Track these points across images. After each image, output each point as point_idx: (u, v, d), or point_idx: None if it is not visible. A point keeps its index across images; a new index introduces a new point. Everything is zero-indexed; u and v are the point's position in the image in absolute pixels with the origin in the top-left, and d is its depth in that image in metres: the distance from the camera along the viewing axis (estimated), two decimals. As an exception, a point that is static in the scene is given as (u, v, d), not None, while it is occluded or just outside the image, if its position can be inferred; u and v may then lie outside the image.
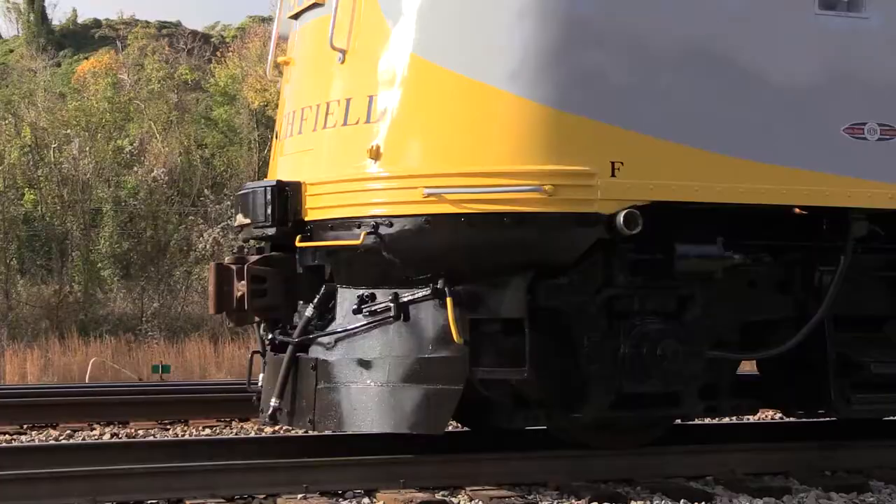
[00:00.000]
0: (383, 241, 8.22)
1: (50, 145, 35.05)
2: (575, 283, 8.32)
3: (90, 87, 41.95)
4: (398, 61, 8.47)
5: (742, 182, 8.40)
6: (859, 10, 8.82)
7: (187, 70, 48.00)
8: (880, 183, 8.81)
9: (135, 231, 34.28)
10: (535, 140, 8.14)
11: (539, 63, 8.21)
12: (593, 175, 8.07)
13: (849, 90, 8.79)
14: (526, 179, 8.04)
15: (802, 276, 9.07)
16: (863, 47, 8.86)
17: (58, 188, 34.11)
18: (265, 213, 8.82)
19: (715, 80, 8.42)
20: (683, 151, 8.28)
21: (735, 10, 8.53)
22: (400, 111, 8.41)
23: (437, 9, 8.46)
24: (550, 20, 8.23)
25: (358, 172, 8.44)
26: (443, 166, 8.19)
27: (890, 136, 8.85)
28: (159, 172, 35.14)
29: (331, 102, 8.80)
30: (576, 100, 8.16)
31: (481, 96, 8.22)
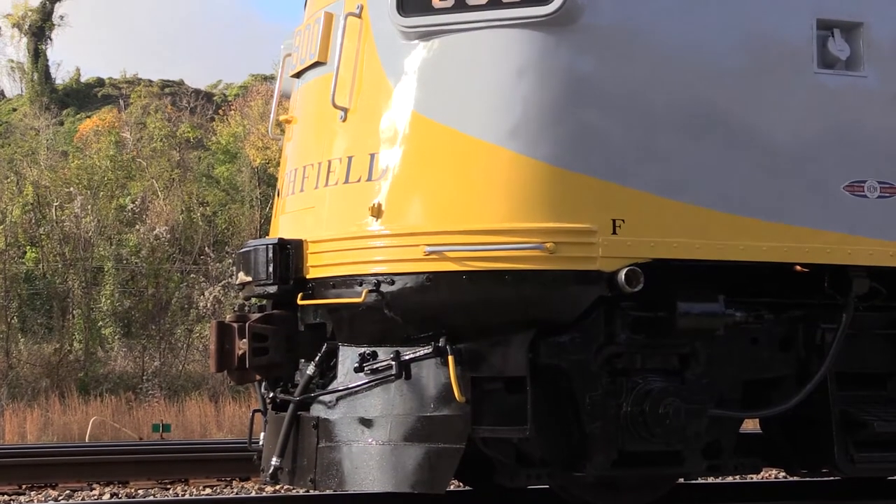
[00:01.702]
0: (385, 298, 8.22)
1: (52, 203, 35.16)
2: (576, 341, 8.30)
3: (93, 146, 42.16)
4: (400, 119, 8.52)
5: (742, 240, 8.42)
6: (858, 68, 8.87)
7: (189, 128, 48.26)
8: (881, 240, 8.83)
9: (136, 289, 34.28)
10: (535, 197, 8.16)
11: (539, 121, 8.25)
12: (594, 233, 8.09)
13: (848, 148, 8.82)
14: (527, 237, 8.05)
15: (804, 334, 9.05)
16: (862, 106, 8.91)
17: (59, 246, 34.17)
18: (267, 270, 8.82)
19: (715, 138, 8.46)
20: (684, 209, 8.30)
21: (734, 68, 8.58)
22: (401, 169, 8.44)
23: (439, 67, 8.52)
24: (550, 78, 8.28)
25: (359, 230, 8.45)
26: (444, 224, 8.21)
27: (890, 194, 8.88)
28: (161, 230, 35.22)
29: (333, 160, 8.84)
30: (576, 157, 8.19)
31: (482, 154, 8.25)
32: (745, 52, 8.61)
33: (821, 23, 8.76)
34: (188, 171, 41.88)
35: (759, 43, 8.64)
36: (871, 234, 8.82)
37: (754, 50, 8.63)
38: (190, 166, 42.76)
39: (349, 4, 8.92)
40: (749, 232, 8.44)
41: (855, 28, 8.87)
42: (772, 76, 8.62)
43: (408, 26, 8.50)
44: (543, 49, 8.28)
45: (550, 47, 8.27)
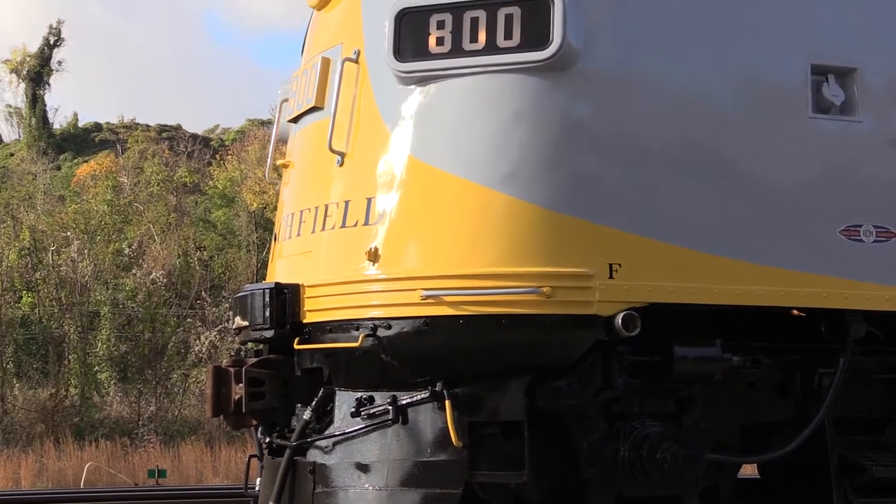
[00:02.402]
0: (381, 343, 8.21)
1: (49, 248, 35.15)
2: (574, 386, 8.29)
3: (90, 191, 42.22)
4: (396, 164, 8.54)
5: (739, 284, 8.42)
6: (852, 113, 8.91)
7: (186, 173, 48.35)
8: (877, 285, 8.83)
9: (132, 334, 34.22)
10: (532, 242, 8.16)
11: (535, 165, 8.27)
12: (591, 277, 8.09)
13: (844, 192, 8.84)
14: (524, 281, 8.05)
15: (802, 379, 9.03)
16: (856, 150, 8.94)
17: (56, 291, 34.13)
18: (263, 315, 8.81)
19: (711, 182, 8.48)
20: (681, 253, 8.31)
21: (730, 113, 8.61)
22: (398, 213, 8.45)
23: (435, 112, 8.55)
24: (546, 123, 8.31)
25: (356, 274, 8.45)
26: (441, 268, 8.21)
27: (886, 238, 8.89)
28: (158, 275, 35.20)
29: (329, 205, 8.85)
30: (573, 202, 8.21)
31: (479, 198, 8.27)
32: (740, 96, 8.65)
33: (815, 68, 8.81)
34: (185, 216, 41.93)
35: (754, 88, 8.69)
36: (867, 278, 8.82)
37: (750, 95, 8.67)
38: (187, 211, 42.82)
39: (346, 50, 8.97)
40: (745, 276, 8.44)
41: (849, 73, 8.92)
42: (767, 121, 8.65)
43: (404, 71, 8.54)
44: (540, 94, 8.31)
45: (546, 92, 8.31)
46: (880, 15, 9.16)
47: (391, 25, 8.55)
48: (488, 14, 8.36)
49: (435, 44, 8.48)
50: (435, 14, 8.49)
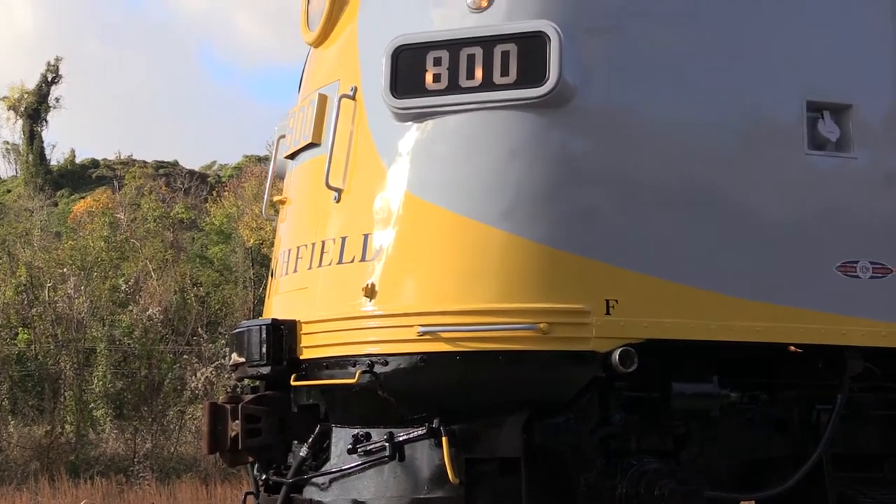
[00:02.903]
0: (378, 379, 8.19)
1: (45, 284, 35.09)
2: (571, 422, 8.26)
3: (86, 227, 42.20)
4: (393, 200, 8.55)
5: (736, 320, 8.41)
6: (848, 150, 8.93)
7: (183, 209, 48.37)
8: (874, 321, 8.82)
9: (129, 370, 34.11)
10: (529, 278, 8.16)
11: (532, 202, 8.28)
12: (588, 313, 8.08)
13: (840, 228, 8.85)
14: (520, 317, 8.04)
15: (800, 415, 9.01)
16: (853, 186, 8.96)
17: (52, 327, 34.03)
18: (260, 351, 8.80)
19: (707, 218, 8.49)
20: (677, 289, 8.31)
21: (726, 149, 8.63)
22: (395, 249, 8.45)
23: (432, 148, 8.56)
24: (542, 160, 8.33)
25: (353, 311, 8.44)
26: (437, 304, 8.20)
27: (883, 274, 8.89)
28: (154, 311, 35.12)
29: (326, 241, 8.85)
30: (569, 238, 8.21)
31: (475, 234, 8.27)
32: (736, 133, 8.67)
33: (811, 105, 8.84)
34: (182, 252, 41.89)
35: (750, 124, 8.71)
36: (864, 314, 8.82)
37: (745, 131, 8.69)
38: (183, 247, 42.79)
39: (343, 86, 9.00)
40: (742, 312, 8.43)
41: (844, 110, 8.95)
42: (763, 157, 8.67)
43: (401, 107, 8.57)
44: (536, 130, 8.34)
45: (543, 128, 8.33)
46: (875, 52, 9.19)
47: (388, 62, 8.59)
48: (485, 51, 8.40)
49: (432, 80, 8.51)
50: (432, 51, 8.52)
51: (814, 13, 9.08)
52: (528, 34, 8.36)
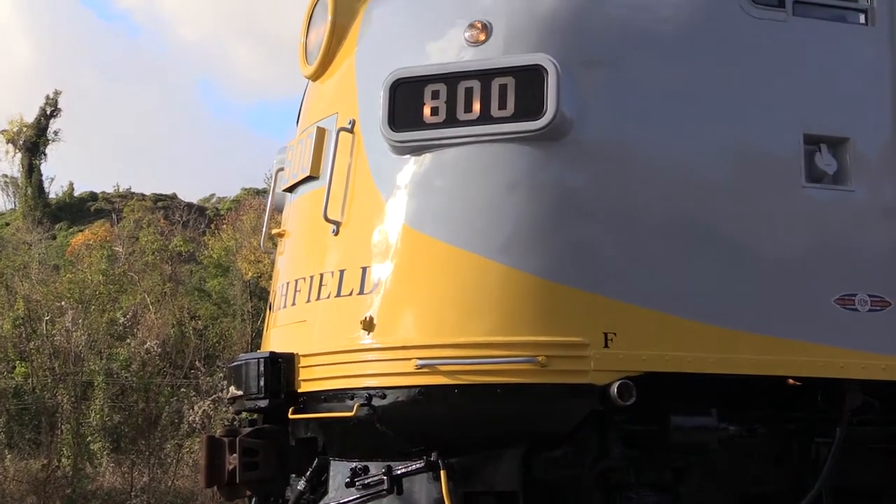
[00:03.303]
0: (376, 413, 8.17)
1: (43, 317, 35.05)
2: (569, 455, 8.24)
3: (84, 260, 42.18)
4: (391, 233, 8.55)
5: (735, 353, 8.40)
6: (845, 182, 8.95)
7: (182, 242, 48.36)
8: (873, 354, 8.81)
9: (126, 404, 34.01)
10: (527, 311, 8.16)
11: (530, 235, 8.29)
12: (586, 346, 8.08)
13: (838, 261, 8.85)
14: (519, 350, 8.04)
15: (799, 448, 8.99)
16: (850, 219, 8.96)
17: (49, 361, 33.96)
18: (258, 384, 8.79)
19: (705, 251, 8.49)
20: (675, 322, 8.30)
21: (723, 182, 8.65)
22: (393, 282, 8.45)
23: (430, 181, 8.58)
24: (541, 192, 8.34)
25: (351, 344, 8.44)
26: (435, 337, 8.20)
27: (881, 307, 8.89)
28: (152, 344, 35.05)
29: (324, 274, 8.85)
30: (567, 271, 8.22)
31: (473, 267, 8.27)
32: (733, 166, 8.69)
33: (808, 138, 8.87)
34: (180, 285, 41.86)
35: (747, 157, 8.73)
36: (863, 347, 8.81)
37: (743, 164, 8.71)
38: (182, 280, 42.77)
39: (341, 119, 9.03)
40: (741, 345, 8.42)
41: (842, 143, 8.98)
42: (760, 190, 8.69)
43: (399, 141, 8.59)
44: (534, 163, 8.35)
45: (541, 161, 8.35)
46: (873, 85, 9.22)
47: (386, 95, 8.61)
48: (482, 84, 8.43)
49: (429, 113, 8.54)
50: (429, 84, 8.55)
51: (811, 47, 9.11)
52: (525, 67, 8.39)
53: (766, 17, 8.95)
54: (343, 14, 9.35)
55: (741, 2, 8.88)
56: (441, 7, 9.02)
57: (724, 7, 8.87)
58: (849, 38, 9.27)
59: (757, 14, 8.92)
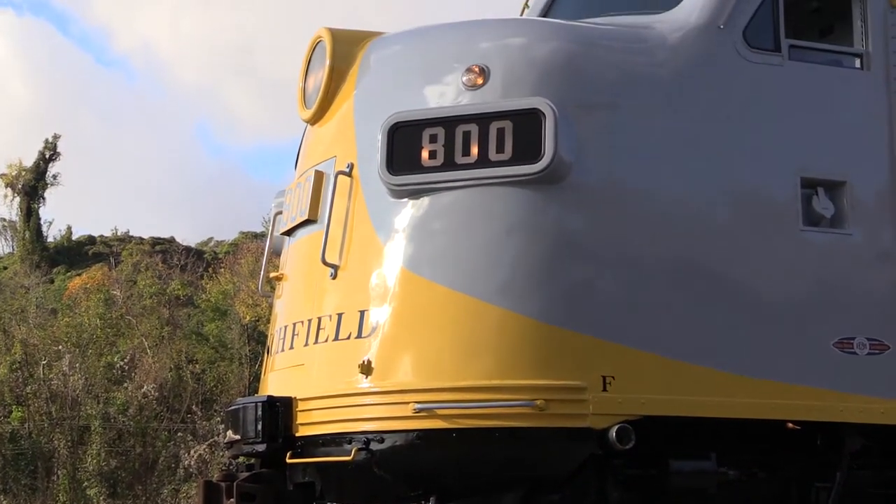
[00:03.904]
0: (374, 457, 8.13)
1: (40, 362, 34.98)
2: (568, 500, 8.21)
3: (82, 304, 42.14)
4: (389, 276, 8.55)
5: (733, 396, 8.38)
6: (843, 226, 8.97)
7: (179, 286, 48.31)
8: (872, 398, 8.80)
9: (123, 448, 33.88)
10: (525, 354, 8.15)
11: (528, 278, 8.29)
12: (585, 390, 8.06)
13: (836, 305, 8.86)
14: (517, 394, 8.02)
15: (798, 492, 8.95)
16: (848, 263, 8.98)
17: (46, 405, 33.86)
18: (255, 428, 8.75)
19: (703, 294, 8.50)
20: (674, 366, 8.29)
21: (721, 225, 8.67)
22: (391, 326, 8.44)
23: (428, 224, 8.59)
24: (539, 235, 8.35)
25: (349, 388, 8.41)
26: (433, 381, 8.18)
27: (880, 351, 8.88)
28: (149, 388, 34.97)
29: (322, 317, 8.84)
30: (566, 314, 8.21)
31: (472, 311, 8.27)
32: (731, 209, 8.72)
33: (805, 181, 8.90)
34: (178, 329, 41.78)
35: (744, 200, 8.76)
36: (862, 391, 8.80)
37: (740, 207, 8.74)
38: (179, 324, 42.68)
39: (340, 163, 9.04)
40: (739, 389, 8.41)
41: (839, 186, 9.00)
42: (758, 233, 8.70)
43: (397, 184, 8.60)
44: (532, 206, 8.37)
45: (539, 205, 8.37)
46: (869, 128, 9.26)
47: (384, 139, 8.64)
48: (480, 128, 8.45)
49: (427, 157, 8.56)
50: (427, 128, 8.58)
51: (808, 91, 9.16)
52: (523, 111, 8.42)
53: (762, 61, 9.00)
54: (341, 58, 9.38)
55: (737, 46, 8.93)
56: (439, 51, 9.07)
57: (720, 51, 8.92)
58: (845, 83, 9.33)
59: (753, 58, 8.97)
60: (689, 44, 8.89)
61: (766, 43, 9.06)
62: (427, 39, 9.32)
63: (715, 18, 8.96)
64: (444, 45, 9.11)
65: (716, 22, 8.95)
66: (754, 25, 9.04)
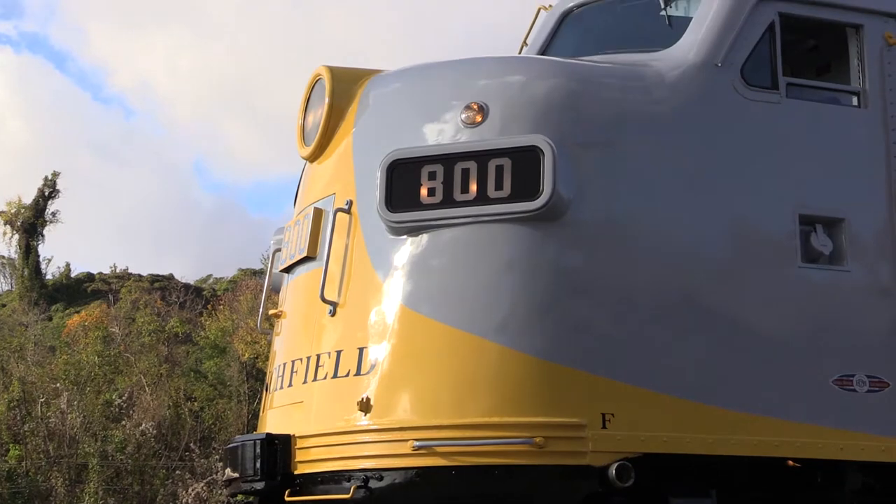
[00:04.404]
0: (373, 494, 8.10)
1: (38, 399, 34.89)
2: (568, 537, 8.16)
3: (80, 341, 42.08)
4: (388, 313, 8.54)
5: (733, 434, 8.36)
6: (841, 263, 8.98)
7: (178, 323, 48.28)
8: (872, 435, 8.77)
9: (121, 486, 33.74)
10: (524, 391, 8.13)
11: (527, 315, 8.28)
12: (584, 427, 8.04)
13: (836, 342, 8.85)
14: (516, 431, 7.99)
15: (800, 530, 8.92)
16: (847, 300, 8.98)
17: (44, 443, 33.75)
18: (254, 466, 8.71)
19: (701, 331, 8.49)
20: (673, 403, 8.27)
21: (719, 262, 8.67)
22: (390, 363, 8.42)
23: (426, 261, 8.59)
24: (537, 272, 8.35)
25: (348, 425, 8.39)
26: (432, 418, 8.16)
27: (879, 388, 8.87)
28: (147, 426, 34.87)
29: (321, 354, 8.83)
30: (565, 351, 8.20)
31: (470, 348, 8.25)
32: (729, 246, 8.73)
33: (803, 218, 8.91)
34: (176, 366, 41.71)
35: (743, 237, 8.77)
36: (862, 428, 8.78)
37: (739, 244, 8.75)
38: (178, 361, 42.62)
39: (339, 200, 9.05)
40: (739, 426, 8.39)
41: (837, 224, 9.02)
42: (756, 270, 8.71)
43: (396, 221, 8.61)
44: (531, 243, 8.37)
45: (538, 242, 8.37)
46: (867, 165, 9.29)
47: (383, 176, 8.65)
48: (479, 165, 8.47)
49: (426, 194, 8.57)
50: (426, 165, 8.59)
51: (805, 129, 9.19)
52: (522, 148, 8.44)
53: (760, 98, 9.04)
54: (340, 96, 9.41)
55: (735, 83, 8.97)
56: (437, 89, 9.10)
57: (719, 89, 8.95)
58: (842, 120, 9.36)
59: (751, 96, 9.01)
60: (686, 82, 8.93)
61: (764, 81, 9.11)
62: (426, 77, 9.36)
63: (712, 56, 9.00)
64: (443, 82, 9.15)
65: (713, 60, 8.99)
66: (752, 63, 9.08)
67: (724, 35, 9.07)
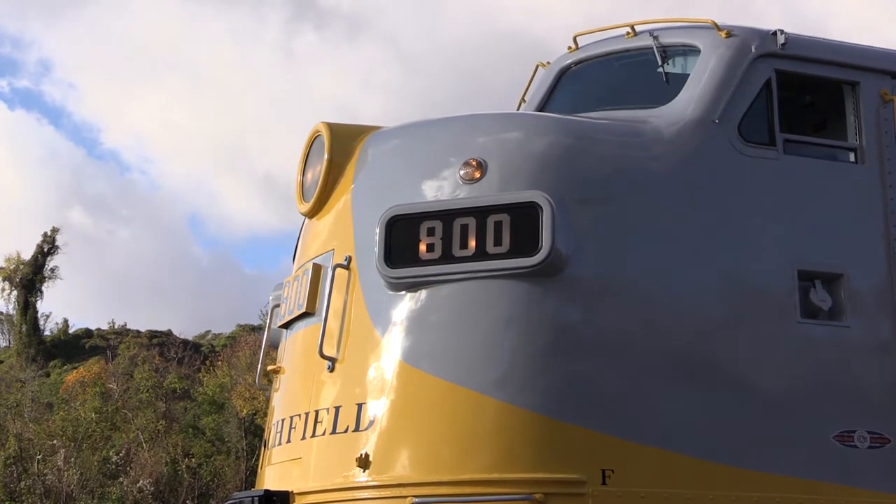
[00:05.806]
0: (371, 552, 8.06)
1: (35, 456, 34.73)
2: None
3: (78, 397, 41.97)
4: (387, 369, 8.53)
5: (733, 490, 8.32)
6: (840, 318, 8.98)
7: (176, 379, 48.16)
8: (873, 492, 8.73)
9: (117, 545, 33.53)
10: (524, 447, 8.10)
11: (526, 370, 8.27)
12: (584, 483, 8.00)
13: (836, 398, 8.83)
14: (516, 488, 7.96)
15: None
16: (846, 355, 8.96)
17: (41, 501, 33.56)
18: (252, 523, 8.67)
19: (701, 387, 8.47)
20: (674, 459, 8.24)
21: (718, 318, 8.67)
22: (388, 419, 8.40)
23: (425, 317, 8.58)
24: (536, 328, 8.35)
25: (346, 481, 8.35)
26: (431, 474, 8.13)
27: (880, 444, 8.84)
28: (145, 483, 34.70)
29: (320, 410, 8.81)
30: (564, 407, 8.18)
31: (469, 404, 8.23)
32: (728, 302, 8.72)
33: (802, 274, 8.92)
34: (174, 422, 41.57)
35: (742, 293, 8.77)
36: (863, 484, 8.74)
37: (738, 300, 8.75)
38: (176, 417, 42.48)
39: (338, 256, 9.07)
40: (740, 482, 8.35)
41: (836, 279, 9.03)
42: (755, 326, 8.70)
43: (395, 277, 8.61)
44: (530, 299, 8.37)
45: (536, 297, 8.37)
46: (865, 221, 9.31)
47: (382, 232, 8.67)
48: (478, 221, 8.49)
49: (425, 250, 8.58)
50: (425, 221, 8.62)
51: (803, 185, 9.22)
52: (520, 204, 8.47)
53: (758, 155, 9.08)
54: (339, 152, 9.45)
55: (732, 140, 9.01)
56: (436, 145, 9.14)
57: (716, 145, 9.00)
58: (840, 176, 9.40)
59: (749, 152, 9.05)
60: (684, 138, 8.98)
61: (762, 137, 9.15)
62: (424, 133, 9.40)
63: (710, 113, 9.05)
64: (442, 139, 9.19)
65: (711, 116, 9.04)
66: (749, 120, 9.14)
67: (721, 91, 9.13)
